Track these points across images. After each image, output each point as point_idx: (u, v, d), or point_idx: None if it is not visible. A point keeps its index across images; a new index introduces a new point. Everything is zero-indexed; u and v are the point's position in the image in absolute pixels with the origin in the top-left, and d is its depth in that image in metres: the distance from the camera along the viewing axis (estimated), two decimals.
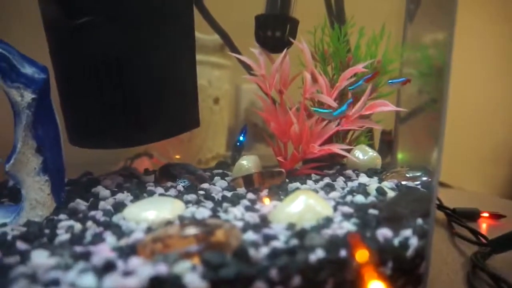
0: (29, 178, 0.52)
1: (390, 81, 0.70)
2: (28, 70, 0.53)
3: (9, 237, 0.43)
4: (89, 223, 0.46)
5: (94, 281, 0.31)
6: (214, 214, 0.48)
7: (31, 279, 0.32)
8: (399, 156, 0.92)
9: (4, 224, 0.49)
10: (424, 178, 0.62)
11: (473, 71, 1.42)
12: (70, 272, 0.33)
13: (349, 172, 0.69)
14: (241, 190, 0.59)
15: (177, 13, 0.64)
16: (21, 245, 0.41)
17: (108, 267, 0.33)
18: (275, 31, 0.72)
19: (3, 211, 0.53)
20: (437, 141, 0.50)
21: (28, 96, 0.52)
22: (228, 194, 0.57)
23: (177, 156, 0.97)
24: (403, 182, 0.61)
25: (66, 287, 0.31)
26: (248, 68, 0.78)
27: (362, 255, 0.38)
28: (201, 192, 0.58)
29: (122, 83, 0.58)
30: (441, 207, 0.78)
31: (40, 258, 0.36)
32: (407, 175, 0.64)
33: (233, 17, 0.88)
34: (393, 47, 0.80)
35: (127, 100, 0.58)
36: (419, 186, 0.60)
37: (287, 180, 0.63)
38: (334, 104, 0.67)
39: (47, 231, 0.45)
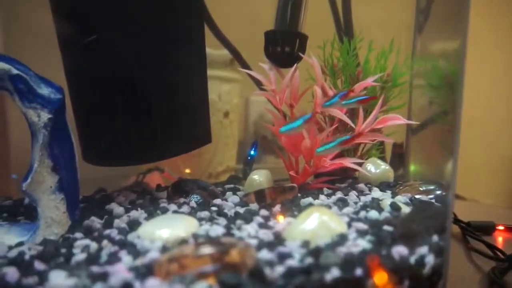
0: (45, 197, 0.53)
1: (325, 103, 0.65)
2: (44, 90, 0.54)
3: (26, 257, 0.44)
4: (105, 242, 0.46)
5: None
6: (228, 231, 0.48)
7: None
8: (412, 168, 0.92)
9: (21, 243, 0.50)
10: (438, 192, 0.62)
11: (481, 82, 1.42)
12: None
13: (361, 185, 0.69)
14: (254, 206, 0.59)
15: (189, 32, 0.65)
16: (39, 265, 0.41)
17: None
18: (284, 46, 0.73)
19: (20, 229, 0.54)
20: (451, 153, 0.50)
21: (45, 116, 0.53)
22: (241, 210, 0.57)
23: (188, 170, 0.98)
24: (417, 196, 0.61)
25: None
26: (258, 83, 0.78)
27: (378, 275, 0.38)
28: (214, 208, 0.58)
29: (135, 101, 0.59)
30: (455, 220, 0.77)
31: (58, 279, 0.37)
32: (421, 189, 0.64)
33: (242, 32, 0.89)
34: (403, 60, 0.81)
35: (141, 118, 0.59)
36: (433, 200, 0.59)
37: (299, 195, 0.63)
38: (345, 118, 0.68)
39: (63, 250, 0.45)
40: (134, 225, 0.51)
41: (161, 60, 0.60)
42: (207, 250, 0.39)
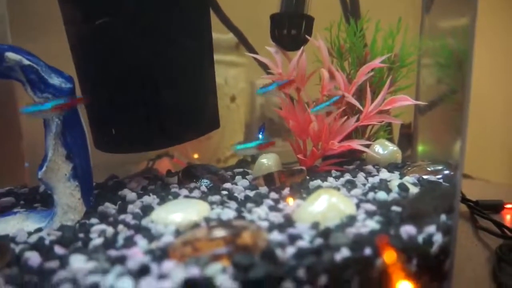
0: (60, 184, 0.54)
1: (259, 89, 0.65)
2: (55, 80, 0.55)
3: (46, 242, 0.45)
4: (120, 227, 0.48)
5: (131, 284, 0.33)
6: (239, 214, 0.49)
7: (73, 283, 0.34)
8: (420, 148, 0.92)
9: (40, 229, 0.52)
10: (446, 172, 0.62)
11: (495, 60, 1.39)
12: (108, 276, 0.35)
13: (369, 167, 0.69)
14: (263, 189, 0.60)
15: (196, 18, 0.65)
16: (59, 249, 0.43)
17: (143, 271, 0.35)
18: (290, 29, 0.72)
19: (37, 216, 0.56)
20: (459, 133, 0.50)
21: None
22: (251, 193, 0.58)
23: (196, 156, 0.99)
24: (425, 177, 0.61)
25: None
26: (265, 67, 0.78)
27: (387, 254, 0.38)
28: (224, 192, 0.59)
29: (144, 88, 0.59)
30: (463, 199, 0.77)
31: (79, 262, 0.38)
32: (429, 169, 0.64)
33: (247, 16, 0.88)
34: (411, 39, 0.80)
35: (150, 105, 0.59)
36: (441, 180, 0.60)
37: (307, 178, 0.64)
38: (353, 100, 0.68)
39: (81, 235, 0.47)
40: (147, 210, 0.52)
41: (169, 46, 0.60)
42: (219, 233, 0.40)
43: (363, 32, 0.77)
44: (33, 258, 0.41)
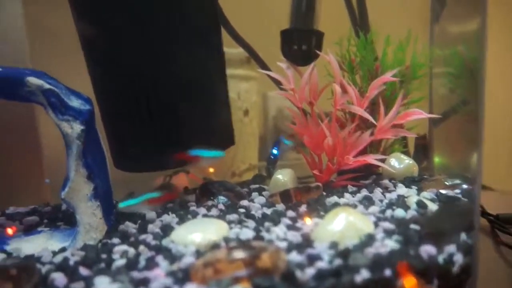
0: (82, 204, 0.56)
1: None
2: (75, 103, 0.57)
3: (71, 262, 0.47)
4: (141, 247, 0.49)
5: None
6: (257, 234, 0.49)
7: None
8: (436, 160, 0.91)
9: (64, 249, 0.53)
10: (465, 186, 0.62)
11: (507, 65, 1.37)
12: None
13: (386, 181, 0.69)
14: (280, 206, 0.61)
15: (208, 34, 0.66)
16: (83, 271, 0.44)
17: None
18: (301, 45, 0.73)
19: (61, 235, 0.58)
20: (476, 145, 0.49)
21: (77, 127, 0.55)
22: (268, 211, 0.59)
23: (212, 170, 1.00)
24: (443, 191, 0.61)
25: None
26: (277, 82, 0.79)
27: (407, 275, 0.39)
28: (242, 210, 0.60)
29: (162, 108, 0.61)
30: (483, 213, 0.76)
31: (103, 284, 0.39)
32: (447, 183, 0.63)
33: (257, 31, 0.90)
34: (421, 50, 0.80)
35: (168, 124, 0.61)
36: (459, 195, 0.59)
37: (324, 193, 0.64)
38: (366, 114, 0.68)
39: (103, 255, 0.48)
40: (167, 229, 0.53)
41: (186, 66, 0.62)
42: (239, 254, 0.40)
43: (373, 45, 0.78)
44: (59, 279, 0.42)
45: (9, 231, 0.59)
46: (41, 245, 0.54)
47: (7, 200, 0.76)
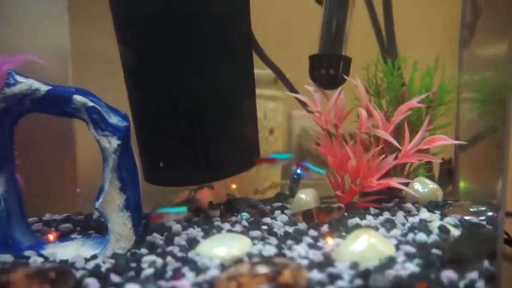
0: (114, 214, 0.59)
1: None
2: (113, 119, 0.61)
3: (103, 269, 0.50)
4: (169, 258, 0.51)
5: None
6: (280, 251, 0.51)
7: None
8: (461, 185, 0.90)
9: (95, 256, 0.56)
10: (490, 213, 0.61)
11: None
12: None
13: (408, 205, 0.69)
14: (302, 225, 0.62)
15: (241, 59, 0.70)
16: (114, 277, 0.47)
17: None
18: (329, 69, 0.76)
19: (92, 243, 0.61)
20: (501, 173, 0.50)
21: (115, 142, 0.59)
22: (290, 229, 0.60)
23: (234, 186, 1.02)
24: (467, 218, 0.60)
25: None
26: (304, 104, 0.82)
27: None
28: (264, 227, 0.61)
29: (192, 125, 0.64)
30: (508, 241, 0.74)
31: None
32: (471, 210, 0.63)
33: (287, 54, 0.93)
34: (449, 77, 0.80)
35: (198, 141, 0.64)
36: (484, 222, 0.59)
37: (346, 214, 0.65)
38: (391, 139, 0.69)
39: (133, 264, 0.51)
40: (192, 243, 0.55)
41: (217, 86, 0.65)
42: (262, 269, 0.42)
43: (401, 71, 0.79)
44: (92, 284, 0.45)
45: (50, 237, 0.63)
46: (74, 251, 0.58)
47: (43, 207, 0.80)
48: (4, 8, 0.81)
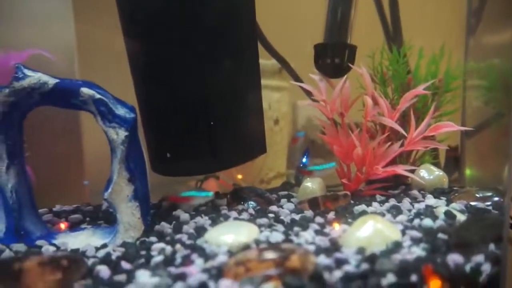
0: (123, 204, 0.60)
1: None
2: (121, 111, 0.61)
3: (113, 257, 0.51)
4: (178, 246, 0.52)
5: None
6: (287, 238, 0.52)
7: None
8: (467, 172, 0.90)
9: (105, 245, 0.57)
10: (496, 198, 0.61)
11: None
12: None
13: (414, 192, 0.69)
14: (308, 213, 0.62)
15: (246, 50, 0.70)
16: (125, 264, 0.48)
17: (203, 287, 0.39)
18: (334, 58, 0.76)
19: (102, 232, 0.62)
20: (508, 158, 0.50)
21: (122, 134, 0.59)
22: (296, 217, 0.61)
23: (240, 176, 1.03)
24: (473, 203, 0.60)
25: None
26: (309, 93, 0.82)
27: (433, 282, 0.39)
28: (271, 215, 0.62)
29: (199, 115, 0.65)
30: None
31: (144, 277, 0.42)
32: (477, 195, 0.63)
33: (291, 43, 0.93)
34: (455, 64, 0.80)
35: (205, 131, 0.64)
36: (490, 207, 0.59)
37: (352, 202, 0.66)
38: (397, 126, 0.69)
39: (143, 252, 0.52)
40: (200, 230, 0.56)
41: (222, 74, 0.66)
42: (270, 255, 0.43)
43: (407, 59, 0.79)
44: (104, 271, 0.46)
45: (62, 226, 0.64)
46: (84, 241, 0.59)
47: (51, 199, 0.82)
48: (12, 7, 0.82)
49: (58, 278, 0.43)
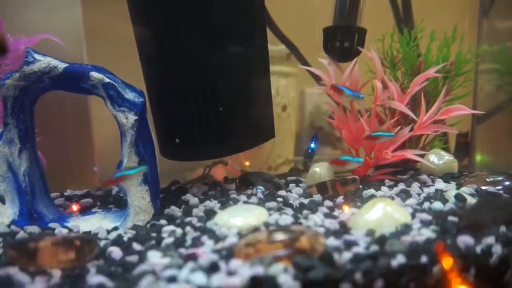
0: (133, 188, 0.61)
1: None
2: (129, 95, 0.61)
3: (125, 239, 0.51)
4: (188, 228, 0.52)
5: (204, 279, 0.37)
6: (296, 220, 0.52)
7: (153, 275, 0.39)
8: (478, 158, 0.89)
9: (116, 228, 0.58)
10: (507, 183, 0.61)
11: None
12: (183, 271, 0.39)
13: (424, 177, 0.69)
14: (317, 197, 0.63)
15: (255, 35, 0.69)
16: (136, 246, 0.48)
17: (213, 267, 0.39)
18: (343, 42, 0.75)
19: (113, 216, 0.63)
20: None
21: (132, 118, 0.60)
22: (305, 201, 0.61)
23: (247, 163, 1.03)
24: (484, 187, 0.60)
25: (182, 283, 0.37)
26: (317, 78, 0.81)
27: (444, 262, 0.39)
28: (280, 199, 0.62)
29: (208, 101, 0.64)
30: None
31: (155, 258, 0.43)
32: (488, 180, 0.63)
33: (300, 27, 0.92)
34: (467, 47, 0.78)
35: (213, 116, 0.64)
36: (501, 191, 0.59)
37: (360, 186, 0.66)
38: (407, 110, 0.68)
39: (153, 234, 0.52)
40: (210, 214, 0.57)
41: (231, 59, 0.65)
42: (279, 236, 0.43)
43: (417, 42, 0.77)
44: (116, 252, 0.47)
45: (74, 207, 0.66)
46: (95, 224, 0.60)
47: (62, 183, 0.83)
48: None
49: (72, 257, 0.44)
